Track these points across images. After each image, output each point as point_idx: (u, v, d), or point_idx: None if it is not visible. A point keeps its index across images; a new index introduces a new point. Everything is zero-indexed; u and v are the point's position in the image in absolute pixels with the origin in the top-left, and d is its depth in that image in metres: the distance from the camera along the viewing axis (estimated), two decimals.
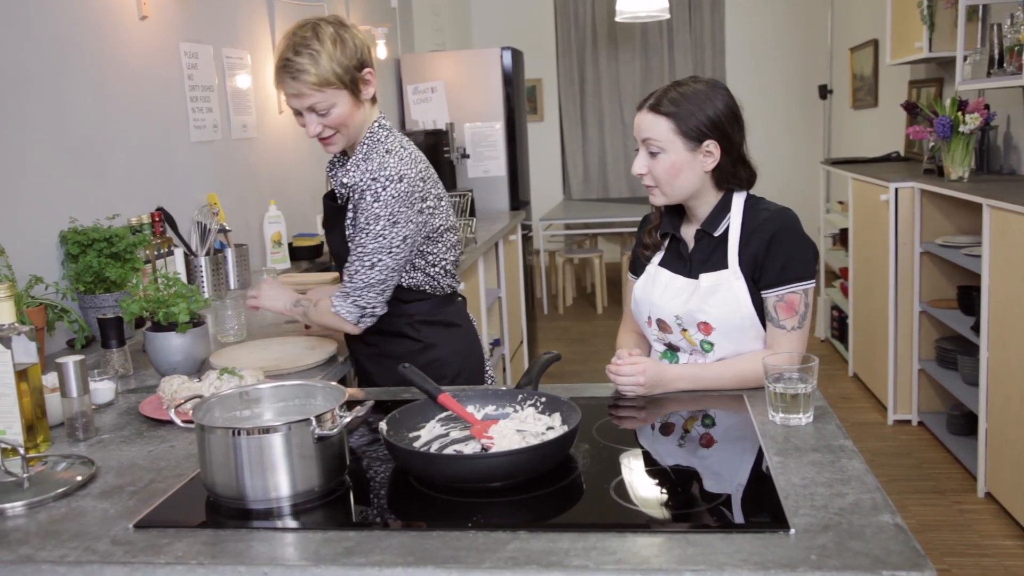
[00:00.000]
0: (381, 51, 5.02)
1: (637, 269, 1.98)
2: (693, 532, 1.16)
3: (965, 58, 3.87)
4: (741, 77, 8.14)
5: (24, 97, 2.29)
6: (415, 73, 5.61)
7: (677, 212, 1.89)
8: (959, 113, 3.74)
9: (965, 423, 3.74)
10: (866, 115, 6.54)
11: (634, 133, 1.83)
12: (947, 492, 3.44)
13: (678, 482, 1.37)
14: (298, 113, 1.98)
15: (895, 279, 4.08)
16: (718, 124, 1.76)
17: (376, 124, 2.04)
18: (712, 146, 1.76)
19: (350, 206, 2.03)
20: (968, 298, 3.63)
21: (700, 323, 1.79)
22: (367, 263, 1.97)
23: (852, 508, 1.20)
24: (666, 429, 1.61)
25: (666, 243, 1.92)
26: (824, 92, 7.52)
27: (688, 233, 1.87)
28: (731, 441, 1.53)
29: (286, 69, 1.91)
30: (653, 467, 1.43)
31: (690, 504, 1.28)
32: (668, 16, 6.83)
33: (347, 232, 2.05)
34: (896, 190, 4.02)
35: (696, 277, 1.81)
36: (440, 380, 2.03)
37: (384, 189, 1.94)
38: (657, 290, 1.87)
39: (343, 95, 1.95)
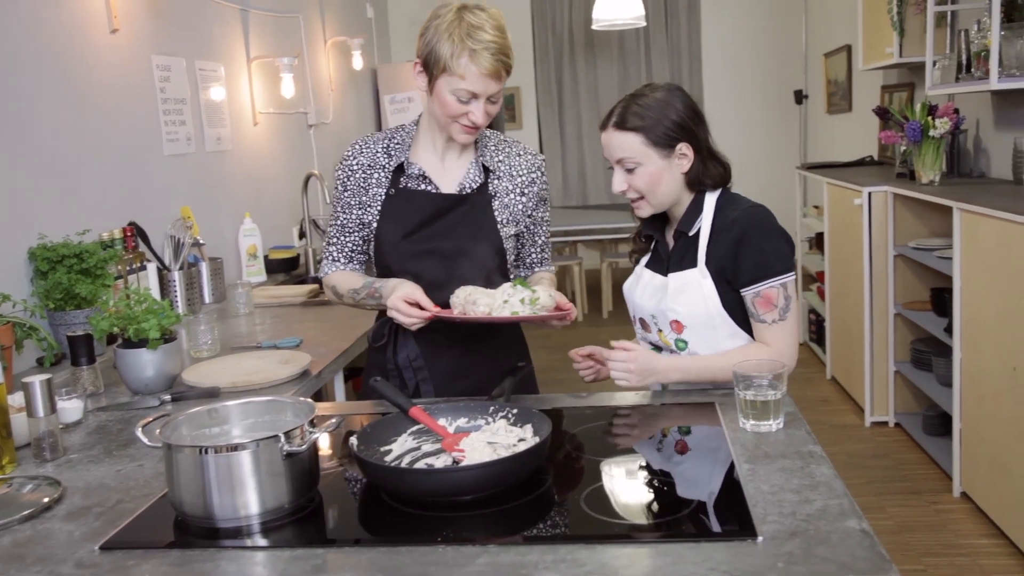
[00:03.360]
0: (357, 62, 5.02)
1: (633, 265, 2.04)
2: (662, 542, 1.16)
3: (934, 63, 3.91)
4: (718, 83, 8.19)
5: None
6: (392, 83, 5.62)
7: (658, 215, 1.92)
8: (929, 118, 3.78)
9: (940, 424, 3.77)
10: (841, 120, 6.59)
11: (604, 154, 1.85)
12: (923, 492, 3.46)
13: (649, 491, 1.37)
14: (465, 101, 1.81)
15: (870, 282, 4.11)
16: (684, 126, 1.79)
17: None
18: (684, 148, 1.79)
19: (491, 188, 1.95)
20: (941, 300, 3.66)
21: (672, 321, 1.82)
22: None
23: (819, 514, 1.21)
24: (644, 436, 1.61)
25: (652, 245, 1.96)
26: (800, 97, 7.58)
27: (668, 234, 1.92)
28: (703, 449, 1.53)
29: (503, 52, 1.82)
30: (625, 477, 1.43)
31: (660, 513, 1.28)
32: (644, 24, 6.86)
33: (496, 215, 1.94)
34: (869, 194, 4.05)
35: (668, 276, 1.85)
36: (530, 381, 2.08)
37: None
38: (639, 289, 1.92)
39: None
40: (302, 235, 4.13)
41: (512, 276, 2.03)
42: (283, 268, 3.71)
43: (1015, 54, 3.26)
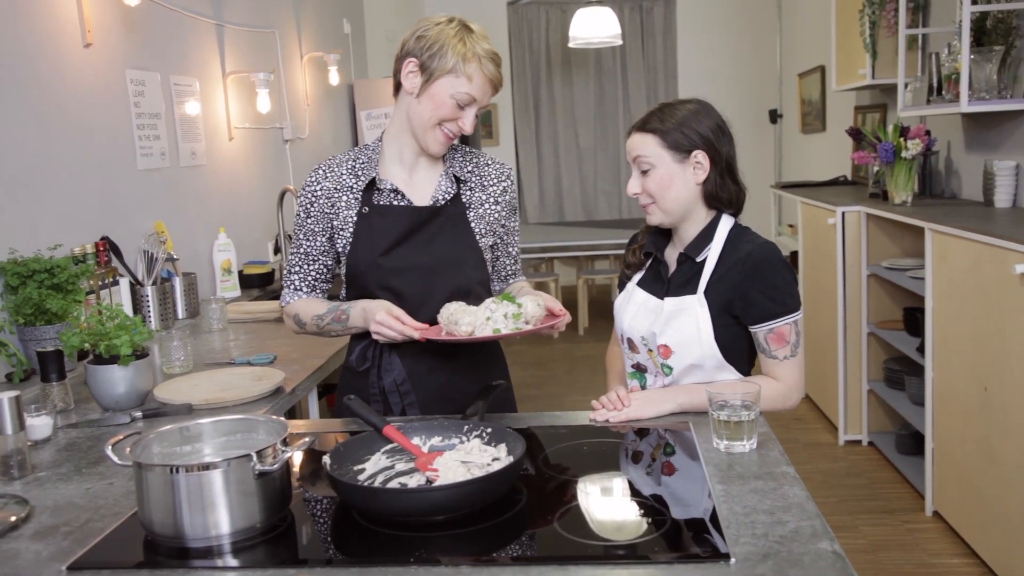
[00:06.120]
0: (333, 77, 5.02)
1: (621, 286, 2.00)
2: (635, 564, 1.16)
3: (906, 85, 3.97)
4: None
5: None
6: (368, 99, 5.62)
7: (663, 233, 1.92)
8: (901, 139, 3.83)
9: (913, 443, 3.80)
10: (815, 139, 6.67)
11: (627, 157, 1.87)
12: (897, 511, 3.49)
13: (622, 512, 1.37)
14: (463, 105, 1.83)
15: (843, 301, 4.14)
16: (704, 136, 1.80)
17: None
18: (701, 156, 1.80)
19: (464, 199, 1.93)
20: (913, 319, 3.70)
21: (660, 345, 1.81)
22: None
23: (792, 536, 1.21)
24: (619, 457, 1.61)
25: (648, 263, 1.94)
26: (774, 116, 7.66)
27: (671, 255, 1.89)
28: (677, 469, 1.53)
29: (500, 65, 1.84)
30: (599, 497, 1.43)
31: (633, 535, 1.28)
32: (621, 42, 6.93)
33: (473, 226, 1.93)
34: (843, 214, 4.09)
35: (664, 300, 1.83)
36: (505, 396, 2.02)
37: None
38: (631, 309, 1.90)
39: None
40: (277, 250, 4.11)
41: (494, 290, 2.03)
42: (258, 283, 3.69)
43: (984, 77, 3.31)
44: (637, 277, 1.95)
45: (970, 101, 3.32)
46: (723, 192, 1.83)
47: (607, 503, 1.41)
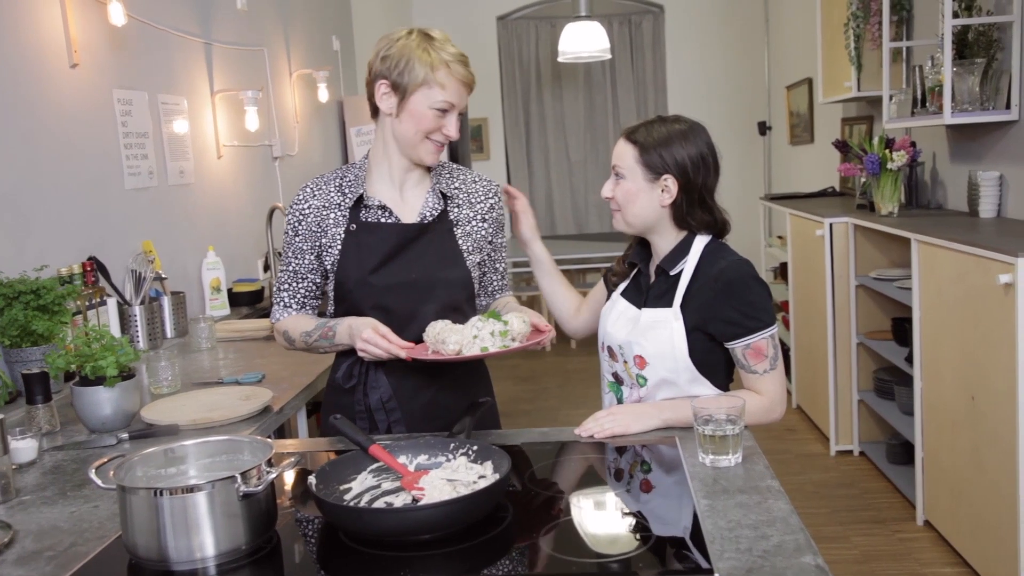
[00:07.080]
0: (323, 94, 5.03)
1: (607, 288, 2.03)
2: None
3: (891, 97, 4.00)
4: (683, 114, 8.28)
5: None
6: (358, 115, 5.63)
7: (646, 246, 1.93)
8: (887, 151, 3.85)
9: (903, 452, 3.81)
10: (803, 151, 6.70)
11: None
12: (888, 521, 3.49)
13: (607, 529, 1.37)
14: (443, 112, 1.83)
15: (832, 312, 4.16)
16: (680, 163, 1.79)
17: None
18: (670, 182, 1.80)
19: (451, 216, 1.95)
20: (902, 330, 3.71)
21: (636, 356, 1.82)
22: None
23: (776, 550, 1.21)
24: (604, 474, 1.61)
25: (632, 274, 1.96)
26: (763, 128, 7.69)
27: (651, 267, 1.91)
28: (662, 485, 1.54)
29: (469, 64, 1.85)
30: (584, 514, 1.43)
31: (618, 551, 1.28)
32: (610, 56, 6.96)
33: (460, 243, 1.95)
34: (831, 225, 4.11)
35: (642, 310, 1.85)
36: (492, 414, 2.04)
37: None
38: (612, 317, 1.92)
39: None
40: (266, 268, 4.11)
41: (479, 306, 2.04)
42: (247, 301, 3.68)
43: (967, 89, 3.34)
44: (622, 287, 1.97)
45: (953, 113, 3.34)
46: (691, 218, 1.83)
47: (593, 519, 1.41)
